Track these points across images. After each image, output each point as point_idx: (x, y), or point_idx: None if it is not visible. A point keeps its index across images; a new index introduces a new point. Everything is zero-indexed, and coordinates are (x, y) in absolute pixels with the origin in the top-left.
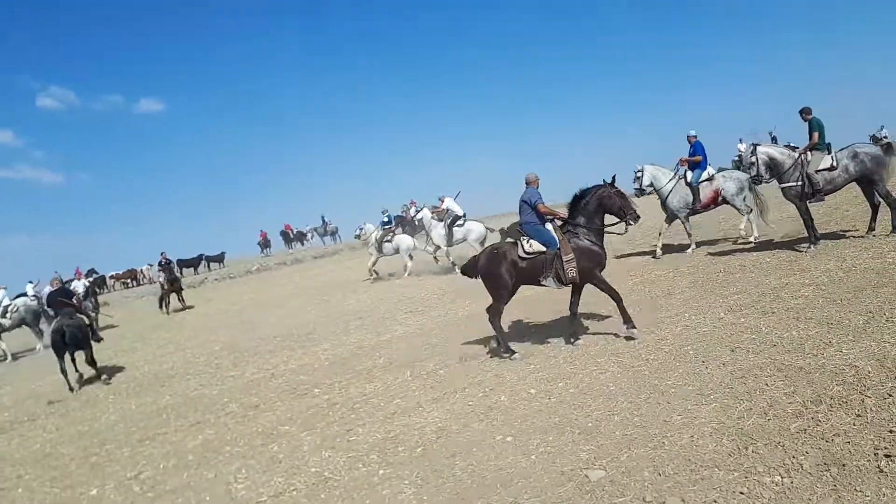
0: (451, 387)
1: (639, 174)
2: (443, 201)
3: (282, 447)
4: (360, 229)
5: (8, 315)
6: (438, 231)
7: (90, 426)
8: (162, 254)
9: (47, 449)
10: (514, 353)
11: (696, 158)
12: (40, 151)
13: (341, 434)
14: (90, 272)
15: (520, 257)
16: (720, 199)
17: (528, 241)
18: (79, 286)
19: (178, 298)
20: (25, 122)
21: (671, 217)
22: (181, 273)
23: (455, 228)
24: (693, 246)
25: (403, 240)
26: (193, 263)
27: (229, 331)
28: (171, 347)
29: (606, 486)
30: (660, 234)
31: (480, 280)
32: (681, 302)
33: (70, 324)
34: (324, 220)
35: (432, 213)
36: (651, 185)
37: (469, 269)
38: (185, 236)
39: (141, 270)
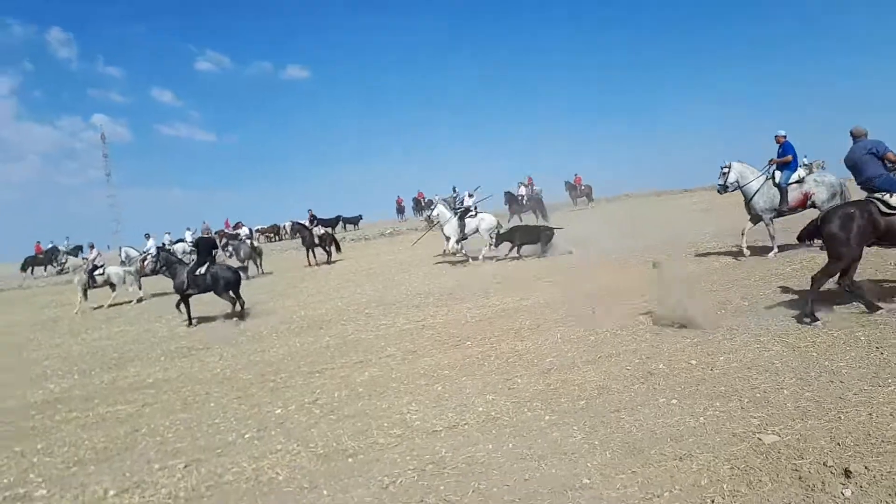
0: (604, 351)
1: (725, 170)
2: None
3: (445, 388)
4: (432, 209)
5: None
6: (452, 224)
7: (261, 357)
8: (309, 210)
9: (227, 373)
10: (817, 320)
11: (787, 159)
12: (196, 112)
13: (501, 382)
14: (237, 224)
15: (881, 213)
16: (809, 203)
17: (890, 196)
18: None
19: (328, 253)
20: (185, 83)
21: (756, 218)
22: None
23: (467, 220)
24: (775, 249)
25: (486, 219)
26: (331, 223)
27: (373, 286)
28: (321, 297)
29: (782, 450)
30: (743, 234)
31: (821, 242)
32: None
33: (218, 268)
34: (454, 191)
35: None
36: (736, 182)
37: (807, 234)
38: (324, 198)
39: (283, 226)
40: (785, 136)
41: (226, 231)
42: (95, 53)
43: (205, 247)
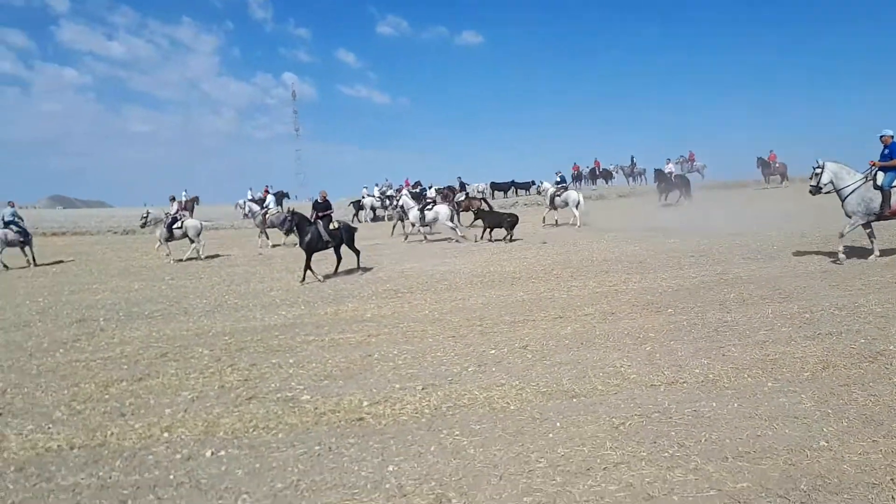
0: (823, 329)
1: (818, 171)
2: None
3: (655, 349)
4: (540, 184)
5: (271, 217)
6: (414, 213)
7: (463, 304)
8: (458, 178)
9: (436, 315)
10: None
11: (893, 162)
12: (375, 74)
13: (714, 349)
14: (416, 184)
15: None
16: None
17: None
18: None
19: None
20: (366, 46)
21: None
22: (492, 195)
23: (426, 211)
24: (876, 253)
25: (571, 195)
26: (504, 188)
27: (557, 249)
28: (505, 256)
29: None
30: (841, 237)
31: None
32: None
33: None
34: (632, 161)
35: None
36: (830, 183)
37: None
38: (498, 162)
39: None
40: (893, 137)
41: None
42: (287, 15)
43: (324, 206)
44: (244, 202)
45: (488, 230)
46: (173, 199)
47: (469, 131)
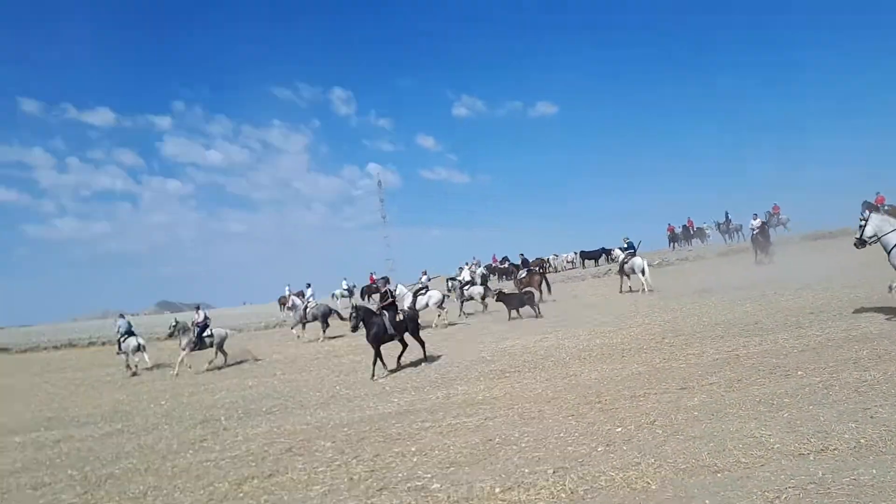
0: None
1: (862, 223)
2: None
3: (793, 415)
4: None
5: (310, 311)
6: (408, 299)
7: (576, 380)
8: (520, 254)
9: (550, 394)
10: None
11: None
12: (453, 155)
13: (859, 411)
14: (504, 259)
15: None
16: None
17: None
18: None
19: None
20: (443, 129)
21: None
22: (583, 265)
23: (419, 297)
24: None
25: (636, 262)
26: (594, 256)
27: (663, 316)
28: (610, 328)
29: None
30: (891, 289)
31: None
32: None
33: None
34: (727, 217)
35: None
36: (875, 236)
37: None
38: (587, 231)
39: (548, 259)
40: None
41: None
42: (369, 107)
43: (385, 296)
44: (288, 295)
45: (514, 310)
46: (198, 308)
47: (552, 202)
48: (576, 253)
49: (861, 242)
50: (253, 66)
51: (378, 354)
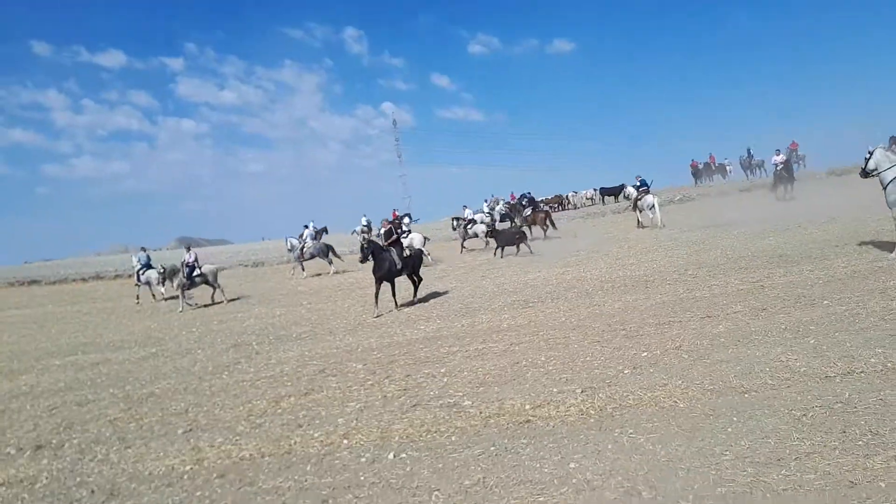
0: None
1: (867, 156)
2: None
3: (819, 341)
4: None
5: (308, 249)
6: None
7: (600, 310)
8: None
9: (574, 322)
10: None
11: None
12: (468, 94)
13: (886, 337)
14: (522, 196)
15: None
16: None
17: None
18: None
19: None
20: (458, 68)
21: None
22: (602, 201)
23: (402, 239)
24: None
25: (647, 199)
26: (614, 192)
27: (686, 248)
28: (632, 260)
29: None
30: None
31: None
32: None
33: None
34: (749, 153)
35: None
36: (875, 170)
37: None
38: (606, 166)
39: (566, 196)
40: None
41: (510, 202)
42: (382, 47)
43: (389, 234)
44: (286, 239)
45: (500, 248)
46: (189, 247)
47: (569, 139)
48: (595, 190)
49: (865, 174)
50: (263, 6)
51: (378, 289)
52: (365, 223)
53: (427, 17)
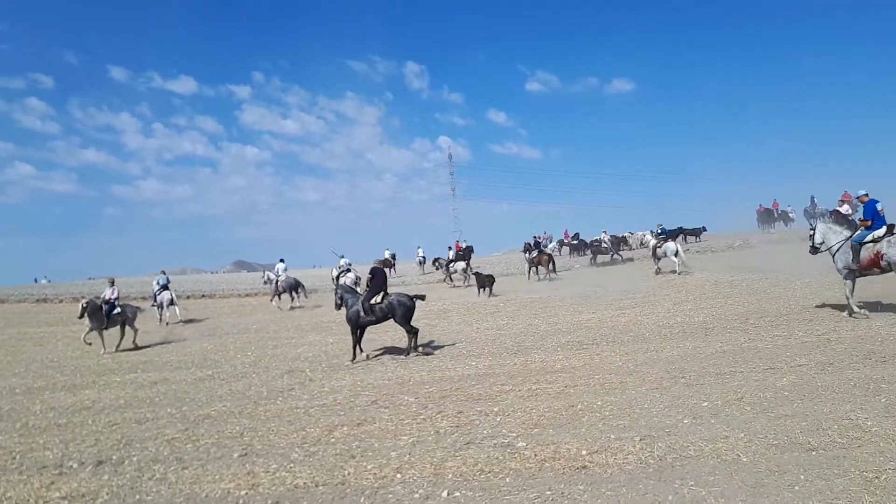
0: None
1: (811, 233)
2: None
3: (892, 401)
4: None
5: (280, 283)
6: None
7: (657, 356)
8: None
9: (631, 367)
10: None
11: (867, 223)
12: (524, 130)
13: None
14: (575, 235)
15: None
16: (884, 263)
17: None
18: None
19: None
20: (515, 104)
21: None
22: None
23: (340, 276)
24: (854, 308)
25: (669, 246)
26: (673, 235)
27: (748, 297)
28: (691, 305)
29: None
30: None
31: None
32: None
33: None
34: (812, 200)
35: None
36: (822, 243)
37: None
38: (652, 209)
39: (624, 237)
40: (868, 196)
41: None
42: (442, 82)
43: (380, 276)
44: (264, 272)
45: (482, 288)
46: (112, 282)
47: (625, 179)
48: (653, 231)
49: (814, 249)
50: (330, 38)
51: (354, 337)
52: (344, 263)
53: (487, 53)
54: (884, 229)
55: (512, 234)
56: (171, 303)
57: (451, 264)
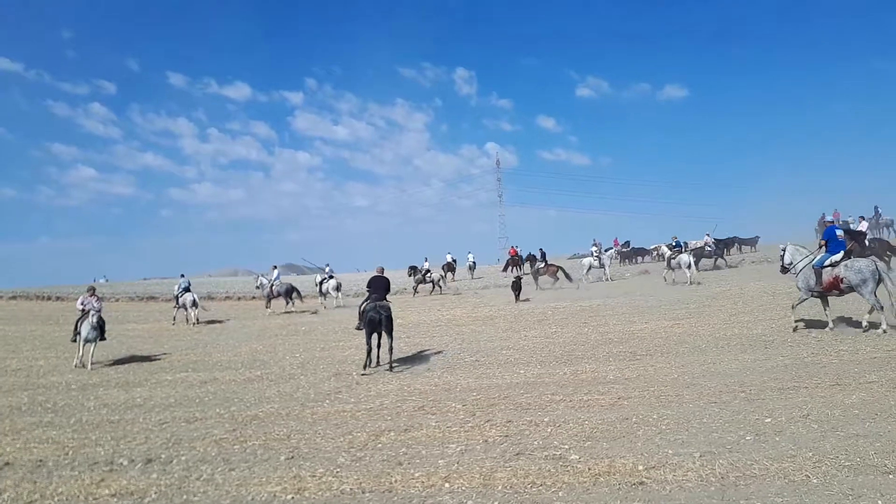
0: None
1: (782, 252)
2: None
3: None
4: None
5: (275, 288)
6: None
7: (715, 368)
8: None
9: (687, 379)
10: None
11: (822, 243)
12: (574, 136)
13: None
14: (626, 244)
15: None
16: (844, 286)
17: None
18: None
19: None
20: (565, 110)
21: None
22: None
23: (323, 283)
24: (795, 324)
25: (683, 258)
26: (726, 244)
27: (808, 308)
28: (749, 317)
29: None
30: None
31: None
32: None
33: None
34: (877, 211)
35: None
36: (791, 263)
37: None
38: (714, 217)
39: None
40: (831, 222)
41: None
42: (490, 88)
43: (378, 284)
44: (257, 277)
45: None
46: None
47: (676, 187)
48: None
49: (784, 269)
50: (381, 45)
51: (368, 345)
52: (328, 271)
53: (537, 59)
54: (840, 254)
55: (560, 240)
56: (194, 304)
57: (428, 274)
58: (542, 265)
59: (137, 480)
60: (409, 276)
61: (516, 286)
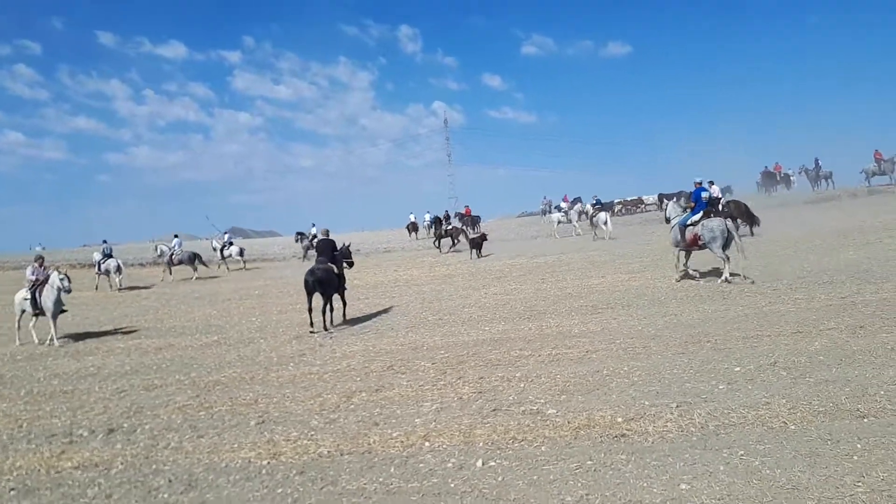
0: None
1: (666, 207)
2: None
3: None
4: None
5: (175, 256)
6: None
7: (677, 319)
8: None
9: (651, 331)
10: None
11: (690, 205)
12: (520, 94)
13: None
14: (576, 199)
15: None
16: (701, 243)
17: None
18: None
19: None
20: (511, 68)
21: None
22: (660, 207)
23: (225, 249)
24: (677, 276)
25: (600, 216)
26: (673, 198)
27: (757, 259)
28: (704, 268)
29: None
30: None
31: None
32: None
33: (318, 269)
34: (817, 163)
35: None
36: (668, 218)
37: None
38: (661, 172)
39: (640, 199)
40: (699, 183)
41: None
42: (435, 46)
43: (323, 247)
44: (156, 246)
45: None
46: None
47: (624, 143)
48: (654, 196)
49: (667, 220)
50: (321, 1)
51: (308, 304)
52: (227, 237)
53: (482, 16)
54: (700, 214)
55: (509, 199)
56: (118, 269)
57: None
58: (450, 227)
59: (101, 451)
60: (296, 241)
61: (476, 243)
